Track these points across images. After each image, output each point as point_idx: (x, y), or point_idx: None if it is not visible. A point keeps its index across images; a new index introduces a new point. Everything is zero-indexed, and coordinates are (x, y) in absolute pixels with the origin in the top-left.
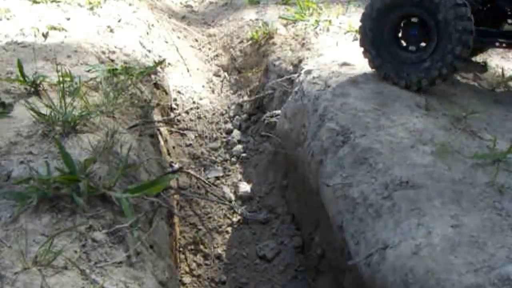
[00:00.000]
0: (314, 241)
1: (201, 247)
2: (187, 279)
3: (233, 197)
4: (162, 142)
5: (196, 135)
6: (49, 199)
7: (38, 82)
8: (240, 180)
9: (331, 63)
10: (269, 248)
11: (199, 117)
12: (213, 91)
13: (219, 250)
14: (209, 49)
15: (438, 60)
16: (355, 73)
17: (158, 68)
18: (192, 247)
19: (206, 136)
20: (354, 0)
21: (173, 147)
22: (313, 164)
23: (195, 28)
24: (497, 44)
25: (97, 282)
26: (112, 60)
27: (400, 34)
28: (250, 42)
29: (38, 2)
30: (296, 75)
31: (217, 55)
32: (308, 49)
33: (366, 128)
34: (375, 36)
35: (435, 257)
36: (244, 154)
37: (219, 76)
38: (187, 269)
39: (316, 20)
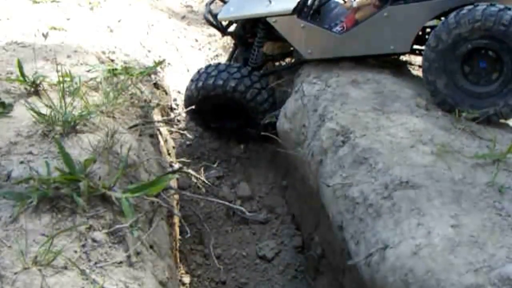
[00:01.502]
0: (314, 241)
1: (201, 247)
2: (187, 279)
3: (233, 197)
4: (162, 142)
5: (196, 135)
6: (49, 199)
7: (38, 82)
8: (240, 180)
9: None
10: (269, 248)
11: None
12: None
13: (219, 250)
14: (209, 49)
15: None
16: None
17: (158, 68)
18: (192, 247)
19: (206, 136)
20: None
21: (173, 147)
22: (313, 164)
23: (195, 28)
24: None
25: (97, 282)
26: (112, 60)
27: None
28: None
29: (38, 2)
30: (296, 75)
31: (217, 55)
32: None
33: (366, 128)
34: None
35: (435, 257)
36: (244, 154)
37: None
38: (187, 269)
39: None
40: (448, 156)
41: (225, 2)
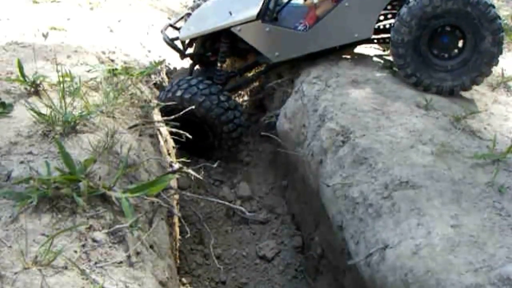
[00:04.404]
0: (314, 241)
1: (201, 247)
2: (187, 279)
3: (233, 197)
4: (162, 142)
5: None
6: (49, 199)
7: (38, 82)
8: (240, 180)
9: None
10: (269, 248)
11: None
12: None
13: (219, 250)
14: None
15: (222, 142)
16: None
17: (158, 68)
18: (192, 247)
19: None
20: None
21: (173, 147)
22: (313, 164)
23: None
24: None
25: (97, 282)
26: (112, 60)
27: None
28: None
29: (38, 2)
30: (296, 75)
31: None
32: None
33: (366, 128)
34: None
35: (435, 257)
36: (244, 154)
37: None
38: (187, 269)
39: None
40: (448, 156)
41: (177, 29)
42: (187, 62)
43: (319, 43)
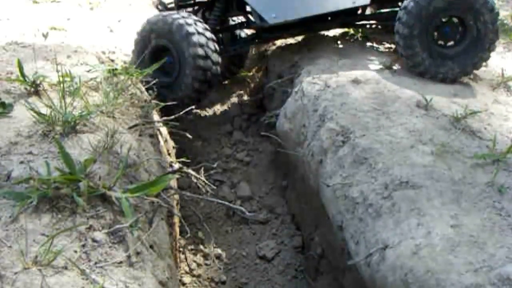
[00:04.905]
0: (314, 241)
1: (201, 247)
2: (187, 279)
3: (233, 197)
4: (162, 142)
5: (197, 135)
6: (49, 199)
7: (38, 82)
8: (240, 180)
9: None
10: (269, 248)
11: (199, 117)
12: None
13: (219, 250)
14: None
15: (182, 84)
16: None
17: None
18: (192, 247)
19: (206, 136)
20: None
21: (173, 147)
22: (313, 164)
23: None
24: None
25: (97, 282)
26: (112, 60)
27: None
28: None
29: (38, 2)
30: (296, 75)
31: None
32: (309, 49)
33: (366, 128)
34: None
35: (435, 257)
36: (244, 154)
37: None
38: (187, 269)
39: None
40: (448, 156)
41: (168, 8)
42: None
43: (317, 7)
